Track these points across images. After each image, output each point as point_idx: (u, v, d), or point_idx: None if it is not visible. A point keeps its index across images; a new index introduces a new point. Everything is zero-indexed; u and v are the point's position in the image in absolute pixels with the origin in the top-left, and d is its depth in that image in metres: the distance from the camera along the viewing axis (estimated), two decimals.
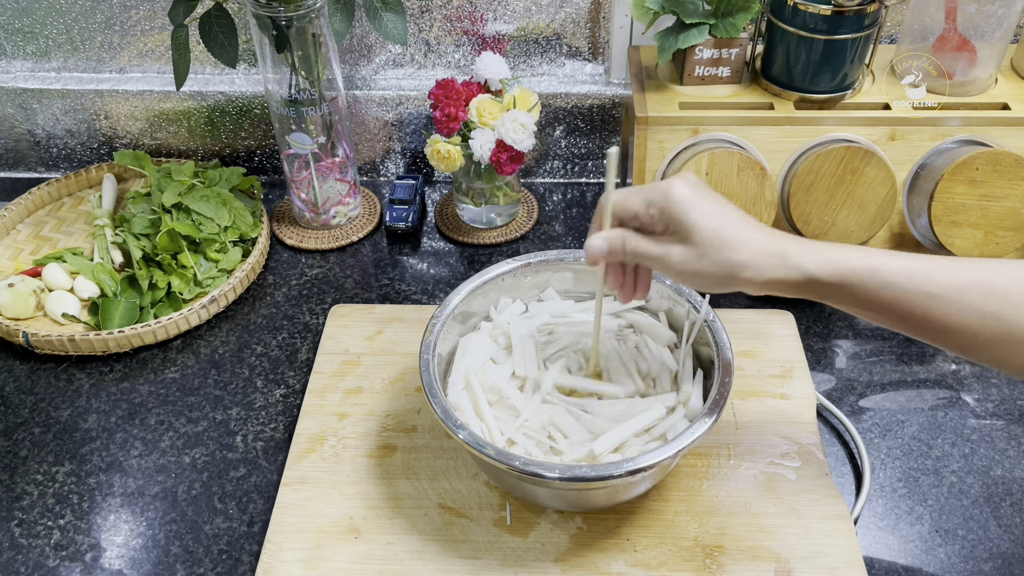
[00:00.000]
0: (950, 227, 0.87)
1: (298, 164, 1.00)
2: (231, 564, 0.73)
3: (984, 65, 0.88)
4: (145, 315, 0.93)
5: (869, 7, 0.83)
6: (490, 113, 0.94)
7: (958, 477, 0.78)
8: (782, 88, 0.90)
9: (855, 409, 0.83)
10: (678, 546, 0.71)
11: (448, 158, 0.95)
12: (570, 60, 1.07)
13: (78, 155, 1.15)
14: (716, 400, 0.68)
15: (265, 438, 0.83)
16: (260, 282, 1.00)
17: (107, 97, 1.09)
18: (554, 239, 1.05)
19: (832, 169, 0.86)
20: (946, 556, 0.72)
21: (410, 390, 0.85)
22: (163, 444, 0.82)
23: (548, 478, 0.64)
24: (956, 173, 0.85)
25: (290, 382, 0.88)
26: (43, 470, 0.80)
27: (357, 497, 0.76)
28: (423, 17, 1.03)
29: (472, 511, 0.74)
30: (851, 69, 0.88)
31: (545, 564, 0.70)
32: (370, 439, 0.80)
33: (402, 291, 0.98)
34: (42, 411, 0.86)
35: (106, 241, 1.00)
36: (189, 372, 0.89)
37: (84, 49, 1.08)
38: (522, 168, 1.05)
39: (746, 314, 0.90)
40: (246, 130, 1.12)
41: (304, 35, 0.89)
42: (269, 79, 0.93)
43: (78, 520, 0.76)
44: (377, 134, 1.12)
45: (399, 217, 1.03)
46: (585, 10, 1.02)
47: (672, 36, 0.87)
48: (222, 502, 0.77)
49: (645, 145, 0.89)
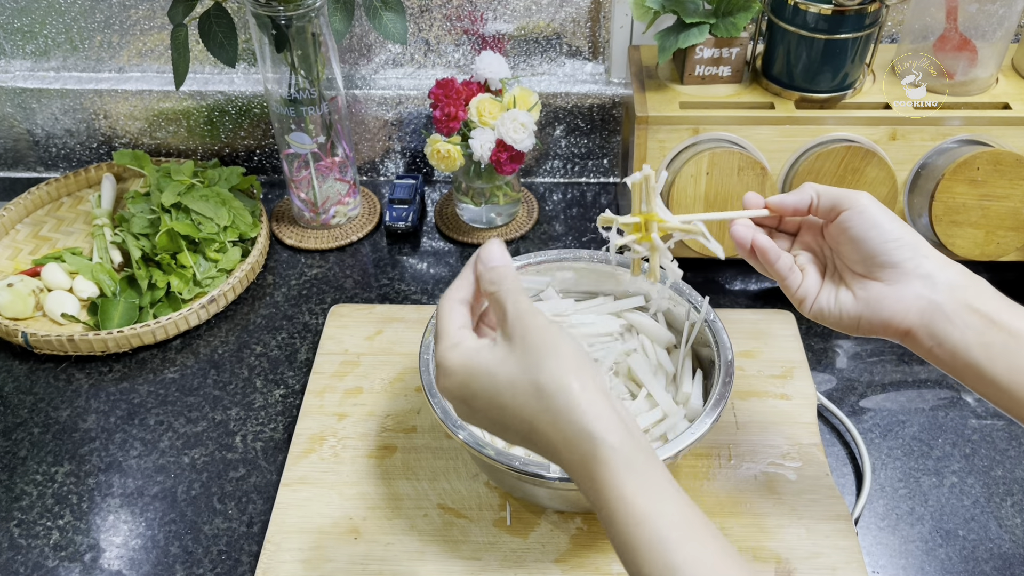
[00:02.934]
0: (951, 227, 0.87)
1: (298, 164, 1.00)
2: (230, 564, 0.72)
3: (985, 65, 0.88)
4: (144, 315, 0.93)
5: (870, 6, 0.83)
6: (490, 113, 0.94)
7: (959, 477, 0.77)
8: (783, 88, 0.90)
9: (856, 409, 0.83)
10: None
11: (448, 158, 0.95)
12: (570, 59, 1.07)
13: (77, 155, 1.15)
14: (716, 400, 0.68)
15: (264, 438, 0.82)
16: (259, 282, 1.00)
17: (106, 97, 1.09)
18: (554, 239, 1.05)
19: (833, 169, 0.86)
20: (947, 556, 0.72)
21: (410, 390, 0.84)
22: (162, 444, 0.82)
23: (548, 478, 0.64)
24: (957, 173, 0.84)
25: (290, 382, 0.88)
26: (42, 470, 0.80)
27: (357, 497, 0.75)
28: (423, 16, 1.03)
29: (472, 511, 0.74)
30: (852, 69, 0.88)
31: (545, 564, 0.70)
32: (370, 439, 0.80)
33: (402, 291, 0.98)
34: (41, 411, 0.86)
35: (105, 241, 1.00)
36: (188, 372, 0.89)
37: (83, 49, 1.08)
38: (522, 168, 1.05)
39: (746, 314, 0.90)
40: (245, 130, 1.12)
41: (304, 34, 0.89)
42: (269, 78, 0.93)
43: (77, 520, 0.76)
44: (377, 134, 1.12)
45: (399, 217, 1.03)
46: (585, 9, 1.02)
47: (672, 35, 0.87)
48: (221, 502, 0.77)
49: (645, 145, 0.89)
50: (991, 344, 0.53)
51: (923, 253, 0.56)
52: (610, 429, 0.46)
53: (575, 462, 0.47)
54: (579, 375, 0.47)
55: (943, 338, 0.54)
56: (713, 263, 0.97)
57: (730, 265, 0.98)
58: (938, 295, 0.55)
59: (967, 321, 0.54)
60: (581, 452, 0.47)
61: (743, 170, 0.86)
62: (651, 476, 0.46)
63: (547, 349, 0.48)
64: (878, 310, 0.57)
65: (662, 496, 0.46)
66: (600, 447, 0.46)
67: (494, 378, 0.49)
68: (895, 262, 0.56)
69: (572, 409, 0.47)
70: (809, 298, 0.60)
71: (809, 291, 0.60)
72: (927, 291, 0.55)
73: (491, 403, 0.49)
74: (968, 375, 0.55)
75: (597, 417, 0.46)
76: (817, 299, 0.60)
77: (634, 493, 0.45)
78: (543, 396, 0.47)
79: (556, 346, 0.48)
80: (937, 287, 0.55)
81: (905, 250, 0.56)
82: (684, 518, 0.45)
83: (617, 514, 0.46)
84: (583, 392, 0.47)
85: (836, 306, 0.59)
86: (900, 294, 0.56)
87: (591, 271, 0.82)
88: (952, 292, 0.55)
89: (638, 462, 0.46)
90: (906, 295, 0.56)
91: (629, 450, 0.46)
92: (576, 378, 0.47)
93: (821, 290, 0.60)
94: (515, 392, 0.48)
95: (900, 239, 0.56)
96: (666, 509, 0.45)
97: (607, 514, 0.46)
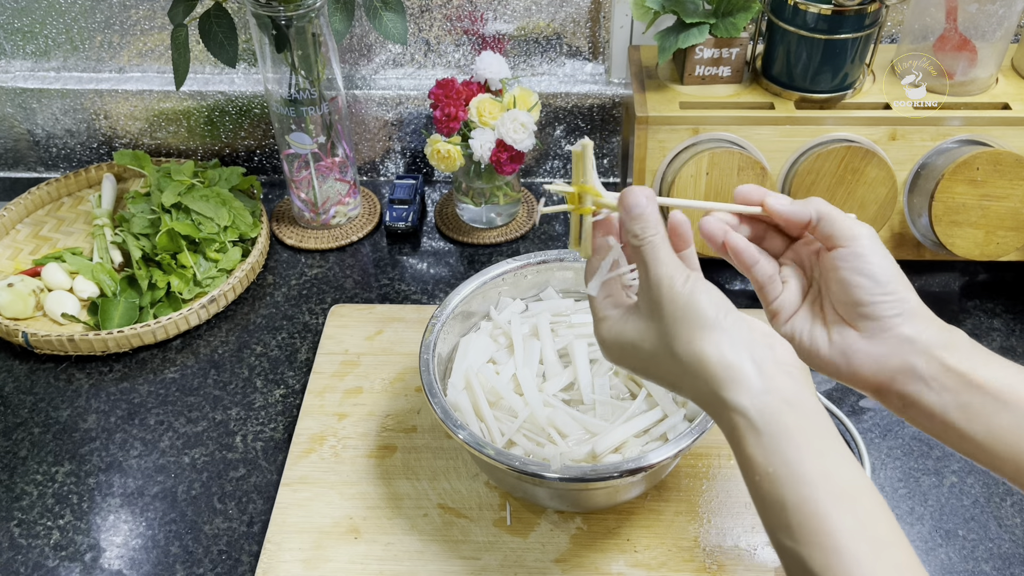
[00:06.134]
0: (951, 227, 0.87)
1: (298, 164, 1.00)
2: (231, 564, 0.72)
3: (984, 65, 0.88)
4: (144, 315, 0.93)
5: (870, 7, 0.83)
6: (490, 113, 0.94)
7: (959, 477, 0.77)
8: (783, 88, 0.90)
9: (855, 409, 0.83)
10: (678, 546, 0.71)
11: (448, 158, 0.95)
12: (570, 60, 1.07)
13: (77, 155, 1.15)
14: None
15: (265, 438, 0.82)
16: (260, 282, 1.00)
17: (107, 97, 1.09)
18: (554, 239, 1.05)
19: (833, 169, 0.86)
20: (947, 556, 0.72)
21: (410, 390, 0.85)
22: (163, 444, 0.82)
23: (548, 478, 0.64)
24: (957, 173, 0.85)
25: (290, 382, 0.88)
26: (43, 470, 0.80)
27: (357, 497, 0.75)
28: (423, 17, 1.03)
29: (472, 511, 0.74)
30: (852, 69, 0.88)
31: (545, 564, 0.70)
32: (370, 439, 0.80)
33: (402, 291, 0.98)
34: (41, 411, 0.86)
35: (105, 241, 1.00)
36: (189, 372, 0.89)
37: (84, 49, 1.08)
38: (522, 168, 1.05)
39: (746, 314, 0.90)
40: (246, 130, 1.12)
41: (304, 35, 0.89)
42: (269, 79, 0.93)
43: (77, 520, 0.76)
44: (377, 134, 1.12)
45: (399, 217, 1.03)
46: (585, 9, 1.02)
47: (672, 36, 0.87)
48: (222, 502, 0.77)
49: (645, 145, 0.89)
50: (968, 405, 0.51)
51: (909, 311, 0.52)
52: (743, 390, 0.46)
53: (719, 423, 0.49)
54: (713, 336, 0.47)
55: (917, 400, 0.52)
56: (714, 263, 0.97)
57: (730, 265, 0.98)
58: (915, 357, 0.51)
59: (944, 383, 0.51)
60: (720, 416, 0.48)
61: (743, 170, 0.86)
62: (789, 435, 0.45)
63: (685, 316, 0.48)
64: (850, 360, 0.53)
65: (798, 457, 0.45)
66: (732, 412, 0.46)
67: (638, 349, 0.51)
68: (878, 316, 0.52)
69: (707, 378, 0.47)
70: (783, 314, 0.57)
71: (784, 307, 0.57)
72: (904, 352, 0.52)
73: (646, 369, 0.52)
74: (946, 435, 0.53)
75: (730, 380, 0.46)
76: (792, 320, 0.57)
77: (764, 455, 0.45)
78: (680, 366, 0.48)
79: (694, 310, 0.48)
80: (915, 348, 0.52)
81: (891, 306, 0.52)
82: (823, 476, 0.44)
83: (749, 474, 0.46)
84: (717, 356, 0.47)
85: (809, 340, 0.55)
86: (876, 351, 0.53)
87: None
88: (929, 352, 0.51)
89: (773, 422, 0.45)
90: (881, 353, 0.52)
91: (762, 409, 0.46)
92: (710, 342, 0.47)
93: (798, 312, 0.57)
94: (658, 361, 0.50)
95: (889, 295, 0.52)
96: (802, 470, 0.44)
97: (745, 475, 0.47)
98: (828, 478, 0.44)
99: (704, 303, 0.48)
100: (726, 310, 0.48)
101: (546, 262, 0.81)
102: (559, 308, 0.81)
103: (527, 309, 0.82)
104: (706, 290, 0.49)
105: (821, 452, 0.45)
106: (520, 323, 0.79)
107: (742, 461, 0.47)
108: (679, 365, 0.49)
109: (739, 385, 0.46)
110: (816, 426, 0.46)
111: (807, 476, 0.44)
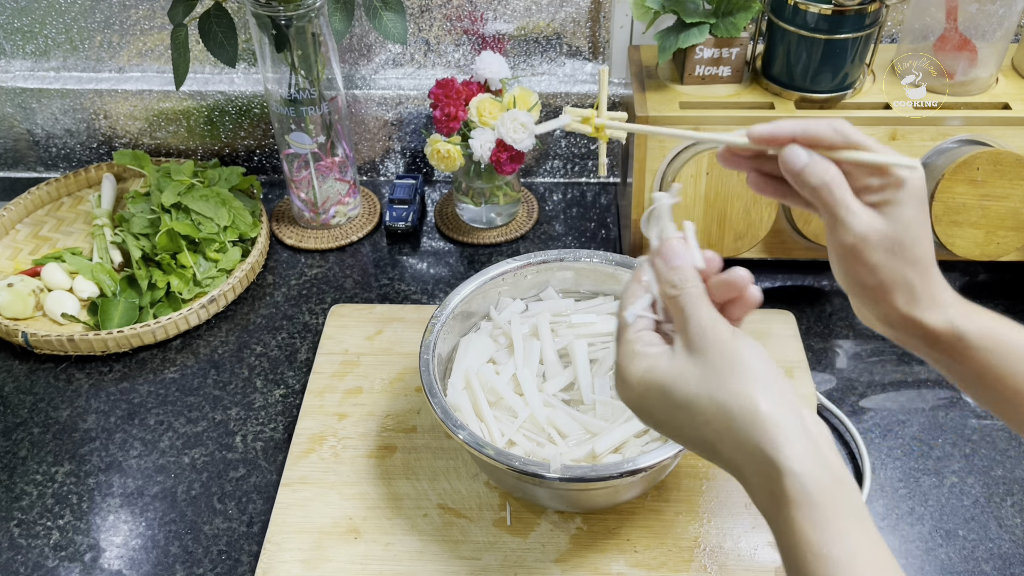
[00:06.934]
0: (951, 227, 0.87)
1: (298, 164, 1.00)
2: (230, 564, 0.72)
3: (985, 65, 0.88)
4: (144, 315, 0.93)
5: (870, 6, 0.83)
6: (490, 113, 0.94)
7: (959, 477, 0.77)
8: (783, 88, 0.90)
9: (856, 409, 0.83)
10: (678, 546, 0.71)
11: (448, 158, 0.95)
12: (570, 59, 1.07)
13: (77, 155, 1.15)
14: None
15: (265, 438, 0.82)
16: (259, 282, 1.00)
17: (106, 97, 1.09)
18: (554, 239, 1.05)
19: None
20: (947, 556, 0.72)
21: (410, 390, 0.84)
22: (162, 444, 0.82)
23: (548, 478, 0.64)
24: (957, 173, 0.84)
25: (290, 382, 0.88)
26: (42, 470, 0.80)
27: (357, 497, 0.75)
28: (423, 16, 1.03)
29: (472, 511, 0.74)
30: (852, 69, 0.88)
31: (545, 564, 0.70)
32: (370, 439, 0.80)
33: (402, 291, 0.98)
34: (41, 411, 0.86)
35: (105, 241, 1.00)
36: (188, 372, 0.89)
37: (83, 48, 1.08)
38: (522, 168, 1.05)
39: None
40: (245, 130, 1.12)
41: (304, 34, 0.89)
42: (269, 79, 0.93)
43: (77, 520, 0.76)
44: (377, 134, 1.12)
45: (399, 217, 1.03)
46: (585, 9, 1.02)
47: (672, 35, 0.87)
48: (221, 502, 0.77)
49: (645, 145, 0.89)
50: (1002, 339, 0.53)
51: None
52: (797, 456, 0.42)
53: (760, 487, 0.44)
54: (766, 394, 0.43)
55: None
56: None
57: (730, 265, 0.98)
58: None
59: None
60: (767, 479, 0.43)
61: None
62: (838, 512, 0.42)
63: (732, 366, 0.44)
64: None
65: (846, 535, 0.42)
66: (786, 477, 0.42)
67: (670, 392, 0.46)
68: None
69: (758, 434, 0.43)
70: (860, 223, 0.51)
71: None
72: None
73: (671, 418, 0.47)
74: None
75: (787, 441, 0.42)
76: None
77: (815, 530, 0.41)
78: (726, 417, 0.44)
79: (742, 362, 0.44)
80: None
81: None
82: (872, 561, 0.42)
83: (796, 549, 0.42)
84: (771, 414, 0.43)
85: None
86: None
87: (591, 271, 0.82)
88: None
89: (825, 495, 0.42)
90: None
91: (818, 480, 0.42)
92: (764, 398, 0.43)
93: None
94: (693, 409, 0.45)
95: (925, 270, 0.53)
96: (851, 549, 0.42)
97: (787, 549, 0.43)
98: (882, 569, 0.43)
99: (755, 356, 0.45)
100: (775, 368, 0.45)
101: (546, 262, 0.81)
102: (559, 308, 0.81)
103: (527, 309, 0.82)
104: (753, 344, 0.46)
105: (869, 533, 0.43)
106: (520, 323, 0.79)
107: (786, 531, 0.42)
108: (722, 414, 0.44)
109: (791, 450, 0.43)
110: (863, 509, 0.44)
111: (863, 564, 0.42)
